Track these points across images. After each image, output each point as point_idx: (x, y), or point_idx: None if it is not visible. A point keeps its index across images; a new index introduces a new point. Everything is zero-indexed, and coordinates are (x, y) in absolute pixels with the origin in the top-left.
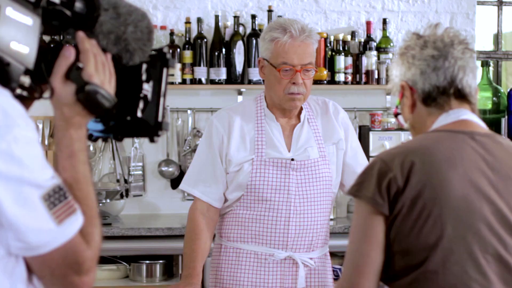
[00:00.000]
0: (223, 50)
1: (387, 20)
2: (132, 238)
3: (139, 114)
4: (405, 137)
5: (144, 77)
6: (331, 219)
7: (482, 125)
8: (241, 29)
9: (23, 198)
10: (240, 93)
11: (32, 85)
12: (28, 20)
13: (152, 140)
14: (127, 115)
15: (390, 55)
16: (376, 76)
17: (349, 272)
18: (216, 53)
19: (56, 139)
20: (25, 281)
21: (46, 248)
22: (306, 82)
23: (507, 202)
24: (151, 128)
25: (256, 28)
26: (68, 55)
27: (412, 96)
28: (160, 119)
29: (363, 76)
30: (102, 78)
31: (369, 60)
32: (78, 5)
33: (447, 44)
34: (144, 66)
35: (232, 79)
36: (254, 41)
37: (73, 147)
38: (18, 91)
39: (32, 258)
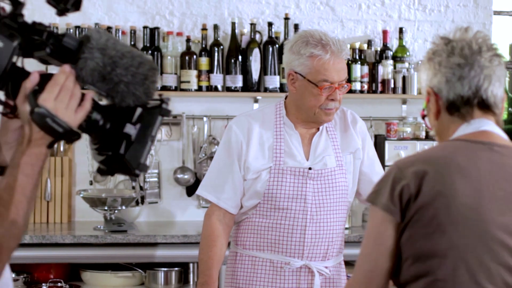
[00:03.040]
0: (240, 57)
1: (403, 29)
2: (148, 245)
3: (121, 151)
4: (420, 146)
5: (134, 119)
6: (346, 228)
7: (503, 136)
8: (257, 36)
9: None
10: (256, 100)
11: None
12: None
13: (133, 179)
14: (109, 151)
15: (406, 64)
16: (392, 85)
17: (358, 277)
18: (233, 60)
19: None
20: None
21: None
22: (340, 97)
23: None
24: (131, 168)
25: (273, 36)
26: (32, 79)
27: (437, 103)
28: (142, 161)
29: (379, 85)
30: (60, 106)
31: (385, 69)
32: (66, 40)
33: (475, 52)
34: (139, 111)
35: (248, 86)
36: (270, 49)
37: (20, 159)
38: None
39: None
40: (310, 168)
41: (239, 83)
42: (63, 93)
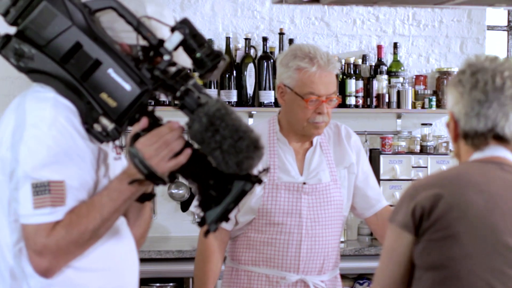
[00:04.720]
0: (234, 72)
1: (398, 44)
2: (143, 261)
3: (204, 208)
4: (415, 160)
5: (221, 183)
6: (342, 242)
7: None
8: (252, 51)
9: (21, 180)
10: (251, 115)
11: (114, 130)
12: (127, 86)
13: (205, 236)
14: (200, 205)
15: (400, 79)
16: (386, 100)
17: None
18: (227, 75)
19: None
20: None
21: (22, 220)
22: (328, 111)
23: None
24: (207, 224)
25: (267, 51)
26: (140, 124)
27: (455, 129)
28: (214, 221)
29: (374, 99)
30: (152, 153)
31: (380, 84)
32: (187, 100)
33: (497, 88)
34: (228, 178)
35: (243, 101)
36: (265, 64)
37: (113, 184)
38: (97, 127)
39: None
40: (304, 183)
41: (234, 98)
42: (160, 143)
